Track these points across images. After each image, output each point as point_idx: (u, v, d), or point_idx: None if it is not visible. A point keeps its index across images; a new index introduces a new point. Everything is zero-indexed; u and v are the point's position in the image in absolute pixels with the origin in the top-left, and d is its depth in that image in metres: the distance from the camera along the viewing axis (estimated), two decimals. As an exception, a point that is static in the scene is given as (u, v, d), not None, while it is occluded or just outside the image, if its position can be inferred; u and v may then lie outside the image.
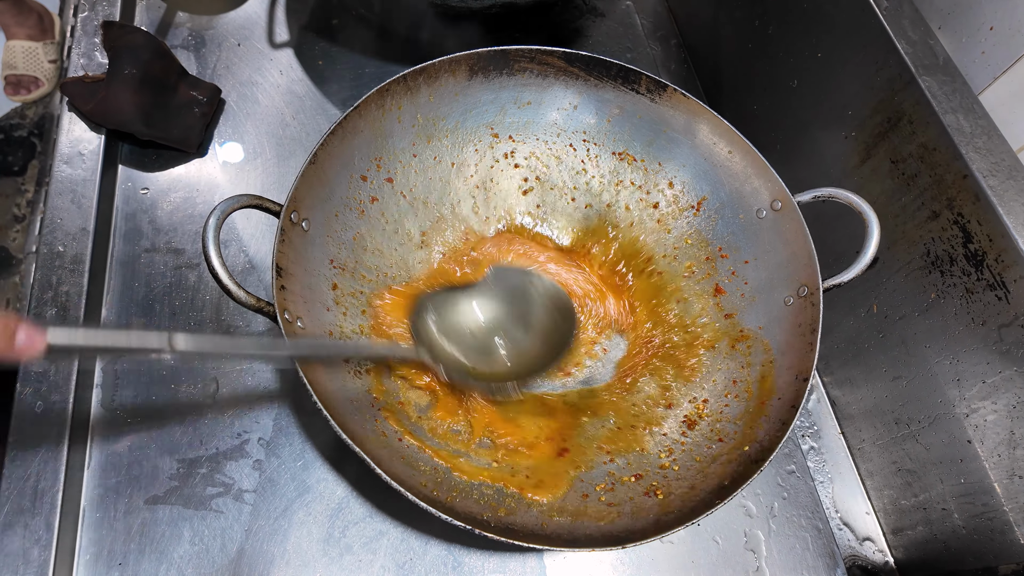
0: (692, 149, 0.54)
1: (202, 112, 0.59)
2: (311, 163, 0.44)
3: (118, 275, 0.52)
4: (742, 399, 0.45)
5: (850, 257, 0.45)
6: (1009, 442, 0.43)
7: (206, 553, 0.44)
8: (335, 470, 0.47)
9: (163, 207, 0.56)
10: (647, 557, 0.47)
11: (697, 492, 0.38)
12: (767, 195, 0.49)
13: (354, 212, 0.49)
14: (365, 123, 0.49)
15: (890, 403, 0.53)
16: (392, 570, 0.45)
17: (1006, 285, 0.42)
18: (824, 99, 0.57)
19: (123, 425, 0.47)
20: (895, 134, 0.49)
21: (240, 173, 0.59)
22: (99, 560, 0.42)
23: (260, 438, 0.48)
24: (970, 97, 0.47)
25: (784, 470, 0.52)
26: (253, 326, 0.52)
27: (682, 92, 0.52)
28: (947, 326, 0.47)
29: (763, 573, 0.48)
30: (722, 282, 0.52)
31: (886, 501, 0.54)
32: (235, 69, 0.64)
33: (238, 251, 0.55)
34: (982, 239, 0.43)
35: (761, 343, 0.47)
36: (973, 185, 0.43)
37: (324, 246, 0.46)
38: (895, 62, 0.48)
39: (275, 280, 0.39)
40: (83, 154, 0.55)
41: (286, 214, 0.42)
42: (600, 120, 0.57)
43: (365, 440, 0.37)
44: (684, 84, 0.76)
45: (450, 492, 0.38)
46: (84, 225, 0.51)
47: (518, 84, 0.55)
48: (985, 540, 0.45)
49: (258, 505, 0.45)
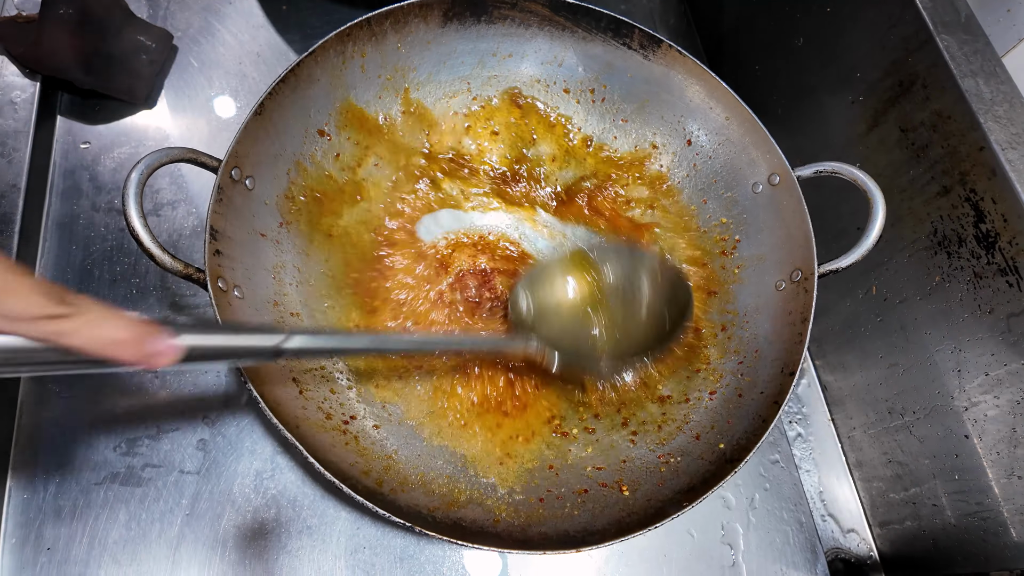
0: (687, 114, 0.49)
1: (150, 60, 0.54)
2: (256, 114, 0.39)
3: (53, 237, 0.48)
4: (721, 393, 0.42)
5: (851, 235, 0.41)
6: (1010, 440, 0.40)
7: (143, 538, 0.40)
8: (285, 450, 0.44)
9: (106, 163, 0.51)
10: (616, 550, 0.44)
11: (665, 490, 0.35)
12: (765, 168, 0.45)
13: (308, 170, 0.45)
14: (322, 71, 0.44)
15: (885, 391, 0.49)
16: (343, 557, 0.42)
17: (1019, 271, 0.38)
18: (831, 60, 0.52)
19: (55, 398, 0.43)
20: (907, 100, 0.45)
21: (192, 128, 0.54)
22: (25, 545, 0.39)
23: (205, 416, 0.44)
24: (993, 59, 0.42)
25: (768, 460, 0.49)
26: (201, 295, 0.48)
27: (678, 49, 0.47)
28: (951, 312, 0.43)
29: (739, 568, 0.45)
30: (709, 263, 0.48)
31: (874, 493, 0.51)
32: (189, 13, 0.58)
33: (187, 212, 0.50)
34: (996, 219, 0.39)
35: (746, 331, 0.43)
36: (990, 158, 0.39)
37: (273, 207, 0.42)
38: (911, 18, 0.43)
39: (208, 243, 0.35)
40: (15, 103, 0.50)
41: (225, 170, 0.37)
42: (587, 77, 0.52)
43: (303, 422, 0.34)
44: (682, 40, 0.70)
45: (398, 483, 0.35)
46: (15, 181, 0.47)
47: (498, 34, 0.50)
48: (977, 541, 0.42)
49: (201, 488, 0.42)
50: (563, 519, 0.35)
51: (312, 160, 0.45)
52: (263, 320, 0.39)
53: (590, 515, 0.35)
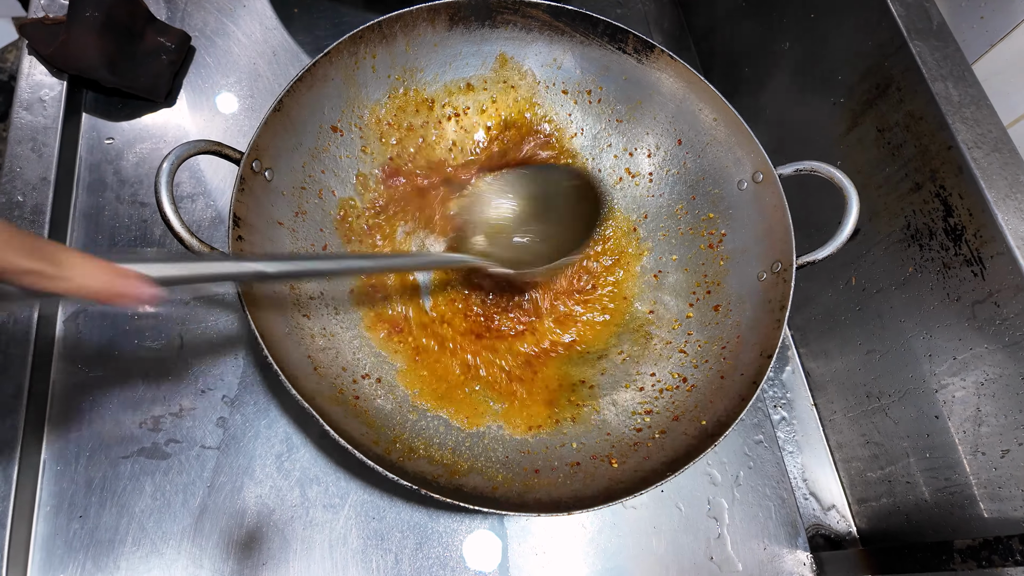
0: (678, 115, 0.52)
1: (170, 60, 0.57)
2: (276, 110, 0.42)
3: (81, 227, 0.51)
4: (705, 375, 0.45)
5: (832, 228, 0.44)
6: (975, 419, 0.43)
7: (167, 507, 0.43)
8: (300, 428, 0.47)
9: (129, 158, 0.54)
10: (608, 521, 0.47)
11: (651, 462, 0.38)
12: (749, 166, 0.48)
13: (323, 163, 0.48)
14: (336, 71, 0.47)
15: (863, 376, 0.52)
16: (356, 528, 0.45)
17: (983, 261, 0.41)
18: (815, 63, 0.55)
19: (85, 379, 0.46)
20: (883, 102, 0.48)
21: (209, 124, 0.57)
22: (59, 512, 0.42)
23: (224, 395, 0.47)
24: (962, 64, 0.45)
25: (752, 440, 0.52)
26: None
27: (669, 54, 0.50)
28: (923, 301, 0.46)
29: (724, 540, 0.48)
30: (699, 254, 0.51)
31: (853, 472, 0.54)
32: (206, 15, 0.61)
33: (206, 205, 0.53)
34: (962, 213, 0.42)
35: (730, 319, 0.46)
36: (957, 157, 0.42)
37: (289, 197, 0.45)
38: (887, 25, 0.46)
39: (231, 230, 0.38)
40: (44, 100, 0.53)
41: (247, 162, 0.40)
42: (585, 79, 0.55)
43: (318, 395, 0.36)
44: (676, 43, 0.73)
45: (405, 452, 0.38)
46: (44, 175, 0.50)
47: (501, 37, 0.53)
48: (946, 514, 0.45)
49: (221, 461, 0.45)
50: (556, 487, 0.38)
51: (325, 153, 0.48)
52: (281, 302, 0.42)
53: (581, 484, 0.38)
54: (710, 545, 0.48)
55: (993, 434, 0.42)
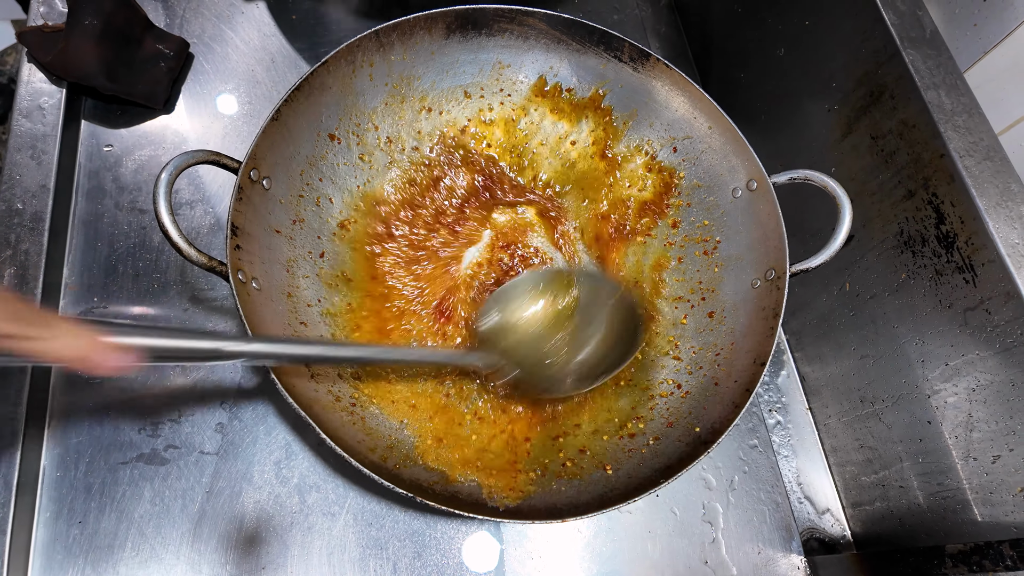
0: (673, 123, 0.52)
1: (168, 67, 0.57)
2: (273, 119, 0.43)
3: (80, 234, 0.51)
4: (699, 382, 0.45)
5: (826, 235, 0.44)
6: (967, 424, 0.43)
7: (166, 513, 0.44)
8: (298, 435, 0.47)
9: (127, 165, 0.54)
10: (604, 526, 0.47)
11: (645, 469, 0.39)
12: (744, 175, 0.48)
13: (321, 171, 0.48)
14: (334, 80, 0.47)
15: (857, 381, 0.53)
16: (354, 535, 0.45)
17: (974, 268, 0.42)
18: (810, 70, 0.55)
19: (84, 385, 0.46)
20: (877, 109, 0.48)
21: (208, 130, 0.57)
22: (59, 518, 0.43)
23: (223, 401, 0.47)
24: (954, 73, 0.45)
25: (747, 444, 0.53)
26: (218, 288, 0.51)
27: (665, 62, 0.50)
28: (915, 307, 0.46)
29: (719, 544, 0.48)
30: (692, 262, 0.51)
31: (847, 477, 0.55)
32: (204, 22, 0.62)
33: (204, 212, 0.54)
34: (954, 220, 0.43)
35: (724, 326, 0.47)
36: (949, 165, 0.42)
37: (287, 205, 0.45)
38: (881, 33, 0.47)
39: (229, 239, 0.38)
40: (43, 108, 0.53)
41: (244, 172, 0.41)
42: (581, 87, 0.55)
43: (315, 403, 0.37)
44: (673, 48, 0.74)
45: (400, 460, 0.39)
46: (44, 182, 0.50)
47: (497, 45, 0.54)
48: (938, 519, 0.46)
49: (220, 467, 0.46)
50: (551, 494, 0.39)
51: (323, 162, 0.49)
52: (278, 309, 0.42)
53: (576, 491, 0.39)
54: (705, 549, 0.48)
55: (985, 440, 0.42)
